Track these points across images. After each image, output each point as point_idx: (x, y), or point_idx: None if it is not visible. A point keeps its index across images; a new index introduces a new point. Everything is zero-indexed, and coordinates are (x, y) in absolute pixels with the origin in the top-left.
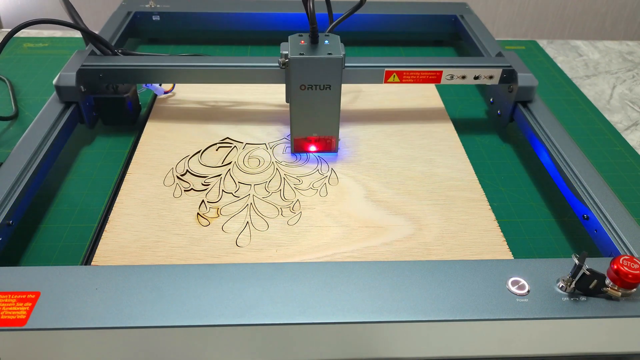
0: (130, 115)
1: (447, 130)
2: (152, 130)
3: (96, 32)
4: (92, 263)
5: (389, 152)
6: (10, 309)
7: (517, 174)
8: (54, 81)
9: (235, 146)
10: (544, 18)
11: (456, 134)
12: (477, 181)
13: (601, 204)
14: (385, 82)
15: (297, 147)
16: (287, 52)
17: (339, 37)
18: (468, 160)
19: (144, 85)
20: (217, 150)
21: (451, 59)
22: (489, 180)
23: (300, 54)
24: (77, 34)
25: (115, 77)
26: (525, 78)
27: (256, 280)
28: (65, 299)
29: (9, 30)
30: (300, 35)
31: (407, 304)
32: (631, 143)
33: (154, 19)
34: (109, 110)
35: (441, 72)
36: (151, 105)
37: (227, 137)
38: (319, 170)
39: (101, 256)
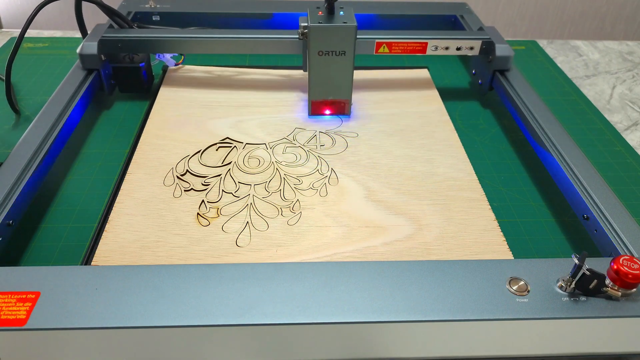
0: (145, 83)
1: (447, 130)
2: (153, 130)
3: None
4: (92, 263)
5: (389, 152)
6: (10, 309)
7: (517, 174)
8: (78, 50)
9: (235, 146)
10: (544, 18)
11: (456, 134)
12: (477, 181)
13: (601, 204)
14: (376, 52)
15: (314, 110)
16: (305, 24)
17: (352, 8)
18: (468, 160)
19: (157, 56)
20: (217, 150)
21: (436, 32)
22: (489, 180)
23: (319, 23)
24: (77, 34)
25: (132, 47)
26: (502, 48)
27: (256, 280)
28: (65, 299)
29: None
30: (317, 7)
31: (407, 304)
32: (631, 143)
33: (154, 19)
34: (125, 78)
35: (426, 43)
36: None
37: (227, 137)
38: (319, 170)
39: (101, 256)
